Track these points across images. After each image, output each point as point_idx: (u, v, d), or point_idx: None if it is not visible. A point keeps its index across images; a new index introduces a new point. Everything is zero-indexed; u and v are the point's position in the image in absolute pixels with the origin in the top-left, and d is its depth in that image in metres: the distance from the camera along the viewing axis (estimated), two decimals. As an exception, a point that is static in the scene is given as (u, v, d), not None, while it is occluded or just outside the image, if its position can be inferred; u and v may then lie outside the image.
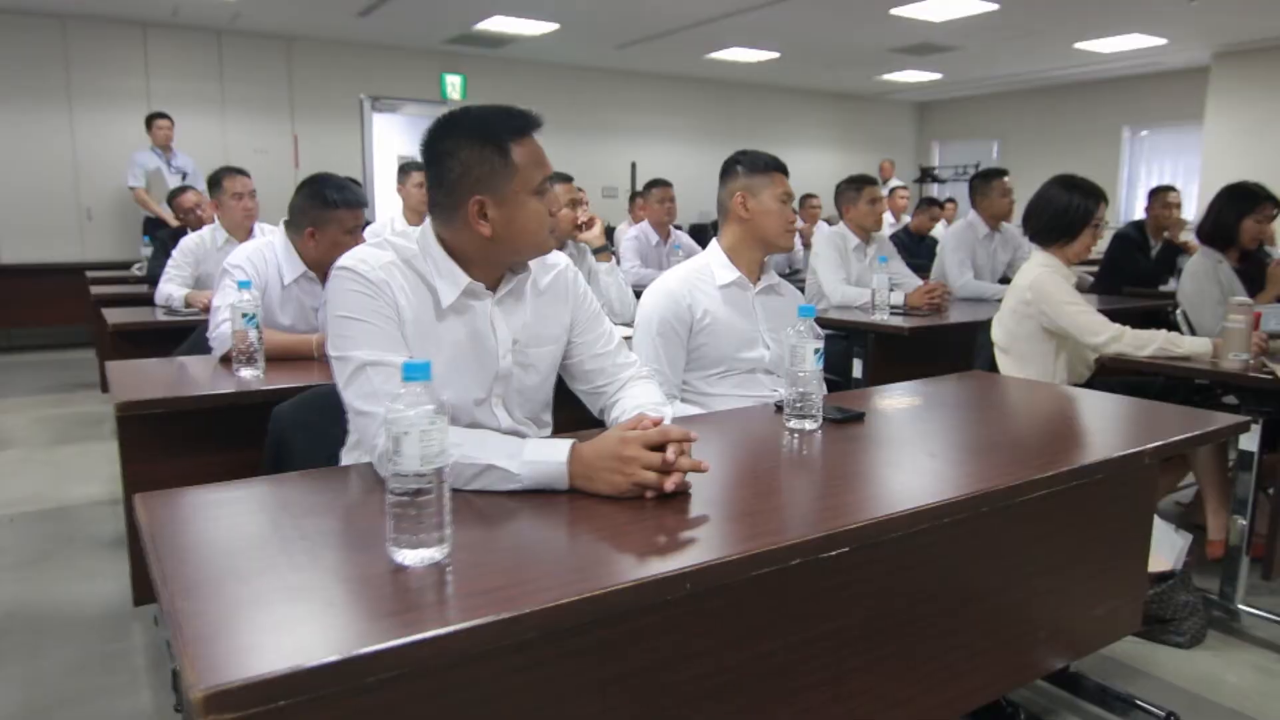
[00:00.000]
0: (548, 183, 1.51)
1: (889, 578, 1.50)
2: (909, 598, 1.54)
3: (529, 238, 1.50)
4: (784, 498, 1.38)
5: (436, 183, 1.49)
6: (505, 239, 1.48)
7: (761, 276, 2.35)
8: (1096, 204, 2.85)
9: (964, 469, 1.55)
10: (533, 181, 1.47)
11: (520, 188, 1.46)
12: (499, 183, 1.45)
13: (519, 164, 1.46)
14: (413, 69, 9.30)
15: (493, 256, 1.52)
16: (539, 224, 1.50)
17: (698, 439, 1.34)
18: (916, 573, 1.55)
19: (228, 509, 1.28)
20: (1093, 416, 1.98)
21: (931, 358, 3.53)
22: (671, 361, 2.22)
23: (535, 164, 1.48)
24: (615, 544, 1.16)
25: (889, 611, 1.52)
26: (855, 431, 1.75)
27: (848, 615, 1.46)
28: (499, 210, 1.46)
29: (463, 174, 1.45)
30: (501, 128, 1.46)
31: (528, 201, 1.47)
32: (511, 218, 1.47)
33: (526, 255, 1.55)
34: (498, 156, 1.45)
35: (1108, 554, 1.92)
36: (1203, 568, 2.73)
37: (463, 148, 1.45)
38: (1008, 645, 1.78)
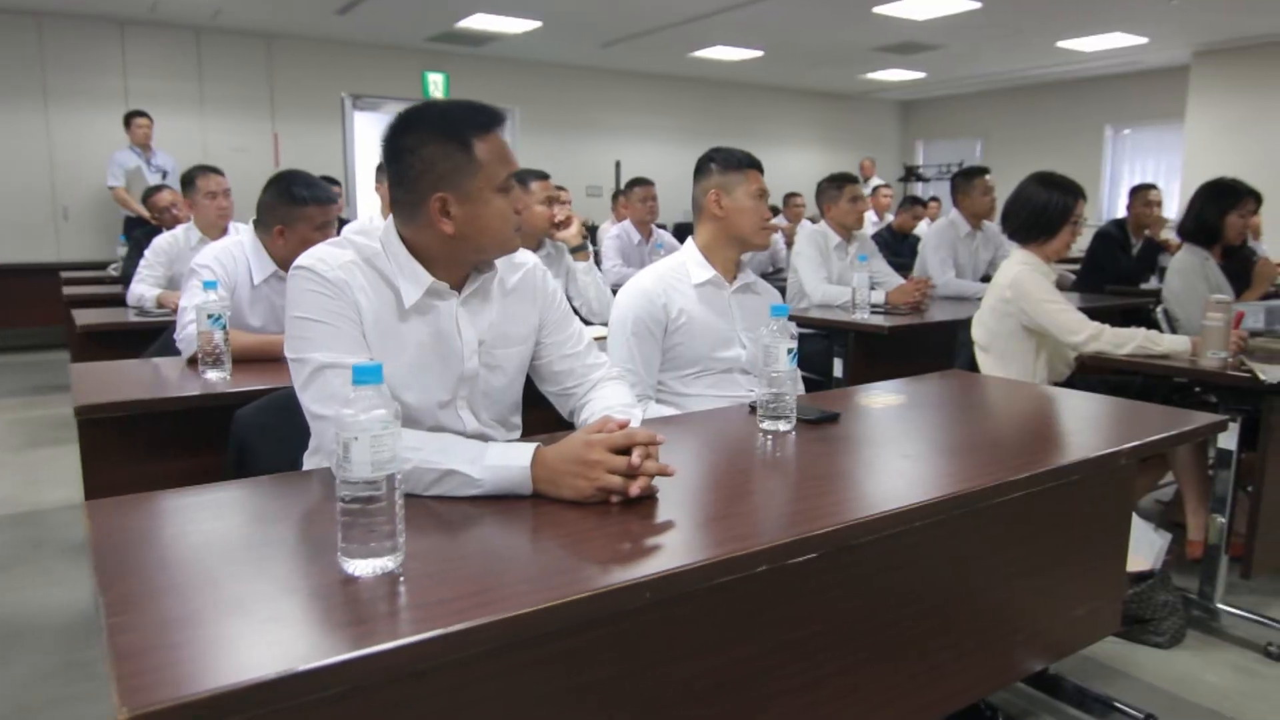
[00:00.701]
0: (514, 180, 1.48)
1: (864, 581, 1.47)
2: (886, 601, 1.52)
3: (494, 236, 1.46)
4: (754, 501, 1.35)
5: (397, 180, 1.45)
6: (469, 237, 1.44)
7: (738, 275, 2.32)
8: (1075, 201, 2.83)
9: (939, 470, 1.53)
10: (497, 178, 1.44)
11: (484, 184, 1.42)
12: (462, 180, 1.41)
13: (483, 160, 1.42)
14: (394, 67, 9.23)
15: (457, 255, 1.48)
16: (504, 222, 1.46)
17: (664, 441, 1.30)
18: (893, 575, 1.52)
19: (178, 517, 1.24)
20: (1070, 416, 1.96)
21: (912, 356, 3.51)
22: (646, 361, 2.19)
23: (500, 160, 1.44)
24: (577, 551, 1.13)
25: (866, 615, 1.49)
26: (830, 432, 1.73)
27: (823, 620, 1.43)
28: (462, 208, 1.42)
29: (424, 170, 1.41)
30: (465, 123, 1.42)
31: (492, 199, 1.44)
32: (475, 215, 1.43)
33: (492, 254, 1.52)
34: (460, 153, 1.41)
35: (1086, 555, 1.90)
36: (1183, 567, 2.72)
37: (424, 144, 1.42)
38: (986, 648, 1.76)
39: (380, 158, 1.50)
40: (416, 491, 1.27)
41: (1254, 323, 2.82)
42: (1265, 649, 2.38)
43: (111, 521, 1.19)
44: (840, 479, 1.48)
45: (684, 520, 1.24)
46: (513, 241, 1.50)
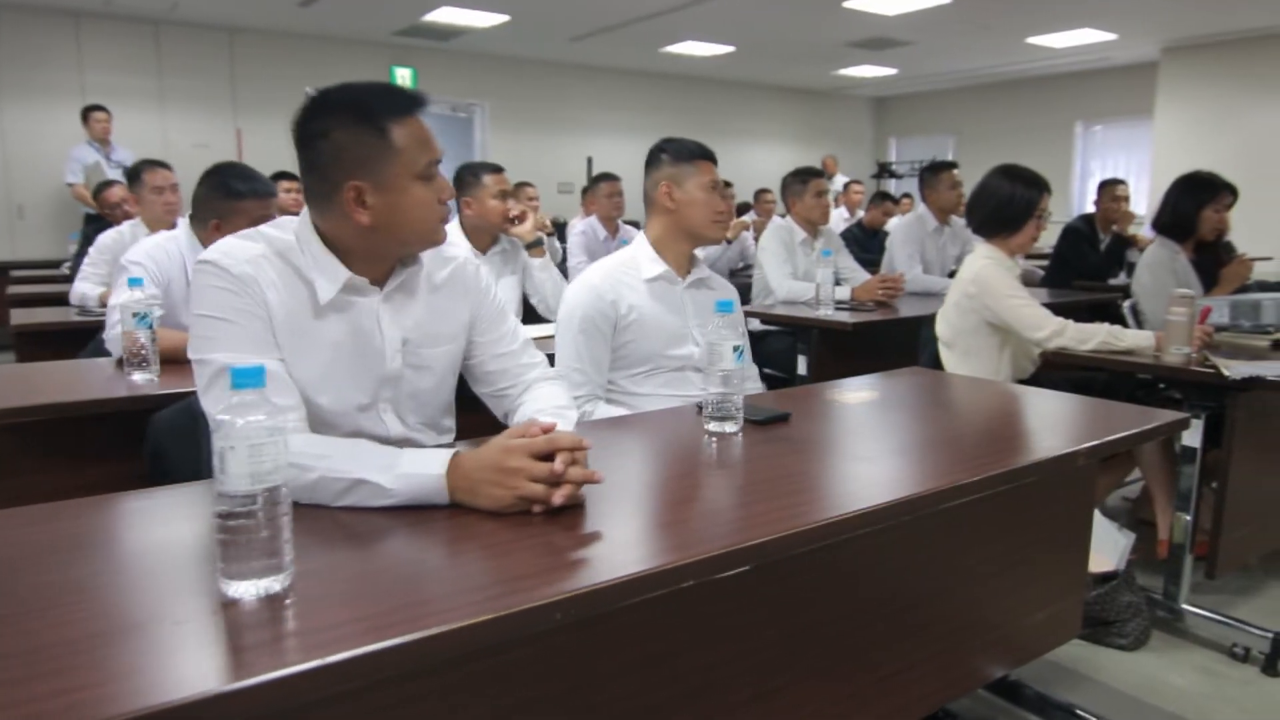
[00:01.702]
0: (436, 167, 1.38)
1: (812, 590, 1.40)
2: (836, 609, 1.45)
3: (415, 227, 1.37)
4: (691, 509, 1.27)
5: (308, 168, 1.36)
6: (388, 228, 1.35)
7: (691, 270, 2.24)
8: (1040, 194, 2.78)
9: (890, 473, 1.46)
10: (416, 165, 1.34)
11: (402, 172, 1.33)
12: (378, 167, 1.32)
13: (400, 146, 1.33)
14: (361, 62, 9.06)
15: (376, 248, 1.39)
16: (425, 212, 1.37)
17: (591, 446, 1.22)
18: (842, 583, 1.45)
19: (65, 531, 1.13)
20: (1028, 415, 1.89)
21: (878, 353, 3.45)
22: (594, 360, 2.10)
23: (420, 146, 1.35)
24: (490, 567, 1.05)
25: (814, 625, 1.42)
26: (779, 434, 1.65)
27: (769, 631, 1.35)
28: (380, 197, 1.33)
29: (336, 157, 1.32)
30: (380, 107, 1.33)
31: (411, 187, 1.34)
32: (394, 205, 1.34)
33: (414, 246, 1.43)
34: (376, 138, 1.32)
35: (1046, 557, 1.84)
36: (1151, 565, 2.68)
37: (336, 128, 1.32)
38: (944, 656, 1.69)
39: None
40: (324, 502, 1.18)
41: (1219, 318, 2.77)
42: (1230, 650, 2.34)
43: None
44: (785, 483, 1.40)
45: (612, 531, 1.16)
46: (437, 233, 1.41)
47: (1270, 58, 8.30)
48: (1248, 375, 2.17)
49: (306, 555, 1.03)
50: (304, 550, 1.04)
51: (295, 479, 1.17)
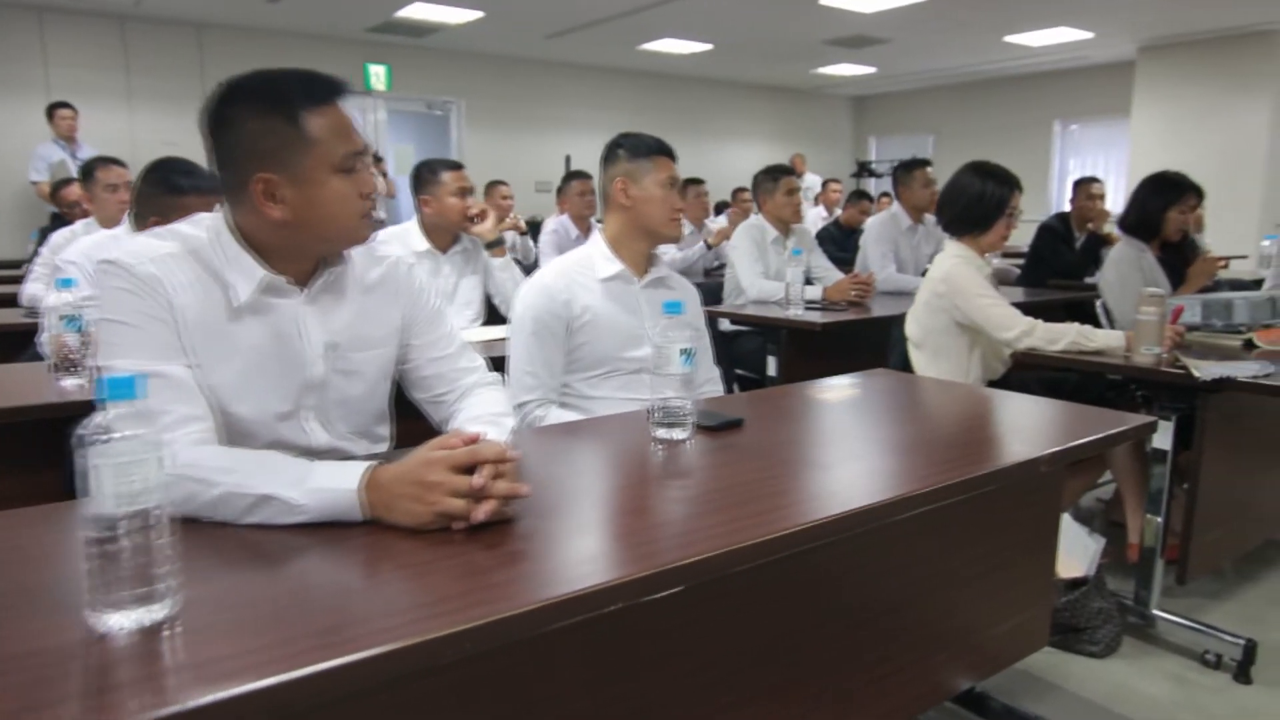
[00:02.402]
0: (358, 158, 1.30)
1: (762, 606, 1.33)
2: (787, 626, 1.38)
3: (334, 223, 1.29)
4: (628, 524, 1.19)
5: (219, 161, 1.27)
6: (305, 224, 1.27)
7: (649, 269, 2.16)
8: (1011, 192, 2.72)
9: (843, 482, 1.39)
10: (333, 156, 1.26)
11: (318, 164, 1.25)
12: (290, 158, 1.24)
13: (315, 136, 1.25)
14: (334, 59, 8.91)
15: (294, 245, 1.31)
16: (345, 206, 1.29)
17: (519, 457, 1.14)
18: (794, 598, 1.38)
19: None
20: (992, 419, 1.83)
21: (848, 353, 3.39)
22: (547, 363, 2.03)
23: (338, 136, 1.27)
24: (403, 592, 0.97)
25: (767, 642, 1.35)
26: (731, 440, 1.58)
27: (714, 649, 1.28)
28: (294, 190, 1.25)
29: (245, 148, 1.24)
30: (293, 93, 1.25)
31: (328, 180, 1.26)
32: (310, 199, 1.26)
33: (335, 244, 1.34)
34: (288, 127, 1.24)
35: (1011, 566, 1.78)
36: (1123, 569, 2.63)
37: (245, 117, 1.24)
38: (907, 670, 1.63)
39: None
40: (229, 520, 1.09)
41: (1191, 317, 2.73)
42: (1202, 657, 2.29)
43: None
44: (732, 494, 1.33)
45: (538, 549, 1.08)
46: (359, 230, 1.33)
47: (1246, 56, 8.32)
48: (1218, 376, 2.12)
49: (201, 579, 0.95)
50: (199, 573, 0.97)
51: (196, 495, 1.09)
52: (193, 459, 1.10)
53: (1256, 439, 2.54)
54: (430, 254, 3.05)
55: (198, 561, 1.00)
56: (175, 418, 1.17)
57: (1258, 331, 2.68)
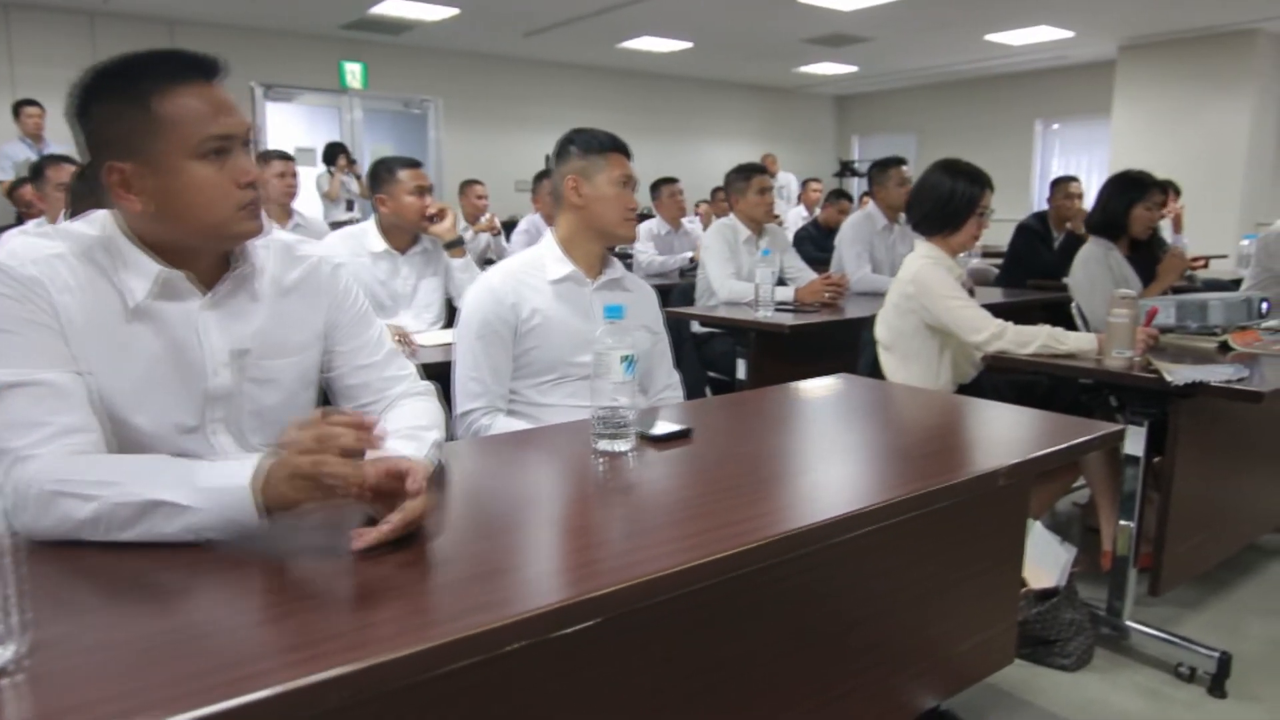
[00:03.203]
0: (229, 142, 1.17)
1: (694, 636, 1.25)
2: (727, 653, 1.30)
3: (199, 215, 1.17)
4: (547, 549, 1.10)
5: (88, 151, 1.18)
6: (169, 217, 1.17)
7: (604, 270, 2.08)
8: (981, 191, 2.65)
9: (790, 498, 1.30)
10: (190, 141, 1.14)
11: (173, 150, 1.14)
12: (141, 144, 1.13)
13: (169, 120, 1.13)
14: (309, 56, 8.82)
15: (176, 241, 1.20)
16: (209, 197, 1.16)
17: (377, 424, 1.03)
18: (733, 624, 1.30)
19: None
20: (954, 428, 1.75)
21: (819, 356, 3.31)
22: (494, 369, 1.94)
23: (196, 119, 1.14)
24: (274, 630, 0.87)
25: (702, 673, 1.27)
26: (677, 452, 1.49)
27: (637, 685, 1.20)
28: (153, 180, 1.14)
29: (97, 135, 1.15)
30: (143, 74, 1.14)
31: (188, 168, 1.15)
32: (166, 189, 1.15)
33: (211, 239, 1.22)
34: (135, 110, 1.13)
35: (974, 581, 1.70)
36: (1098, 577, 2.56)
37: (96, 102, 1.15)
38: (866, 690, 1.55)
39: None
40: (112, 537, 1.00)
41: (1165, 318, 2.66)
42: (1175, 669, 2.22)
43: None
44: (671, 512, 1.24)
45: (445, 578, 0.99)
46: (234, 223, 1.20)
47: (1226, 55, 8.31)
48: (1190, 381, 2.05)
49: (58, 616, 0.86)
50: (57, 609, 0.88)
51: (72, 513, 0.99)
52: (65, 473, 1.01)
53: (1232, 444, 2.47)
54: (388, 255, 2.96)
55: (56, 595, 0.91)
56: (55, 429, 1.07)
57: (1233, 333, 2.62)
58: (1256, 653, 2.33)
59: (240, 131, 1.19)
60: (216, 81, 1.18)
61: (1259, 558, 2.96)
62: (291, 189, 4.17)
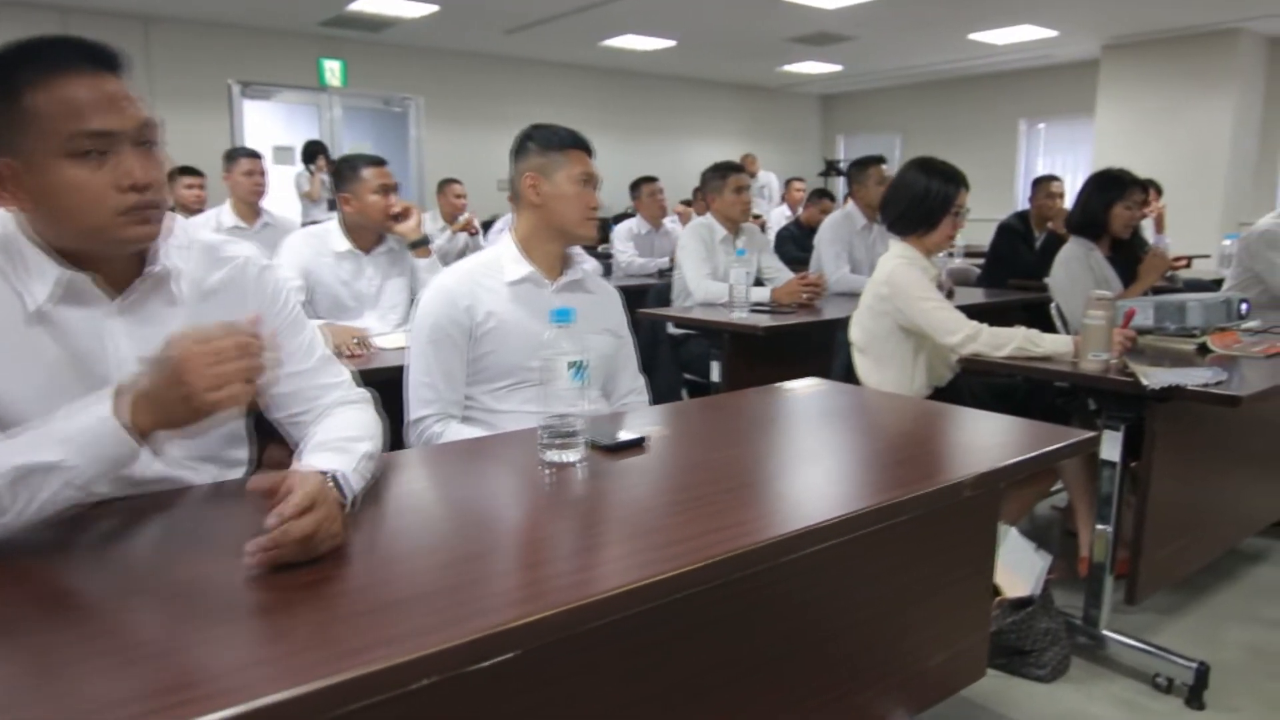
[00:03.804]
0: (105, 139, 1.07)
1: (641, 657, 1.18)
2: (678, 676, 1.23)
3: (76, 219, 1.09)
4: (475, 570, 1.03)
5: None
6: (48, 219, 1.10)
7: (565, 271, 2.01)
8: (957, 189, 2.59)
9: (742, 512, 1.23)
10: (57, 138, 1.05)
11: (40, 146, 1.05)
12: (12, 140, 1.06)
13: (37, 113, 1.05)
14: (288, 53, 8.71)
15: (69, 243, 1.13)
16: (84, 200, 1.07)
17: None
18: (685, 645, 1.23)
19: None
20: (921, 436, 1.69)
21: (794, 358, 3.26)
22: (447, 374, 1.86)
23: (68, 115, 1.05)
24: (156, 666, 0.80)
25: (650, 699, 1.20)
26: (629, 464, 1.43)
27: (595, 704, 1.13)
28: (28, 179, 1.07)
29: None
30: (21, 64, 1.06)
31: (55, 167, 1.06)
32: (41, 190, 1.07)
33: (96, 245, 1.13)
34: (8, 104, 1.05)
35: (943, 594, 1.64)
36: (1076, 583, 2.51)
37: None
38: (831, 708, 1.48)
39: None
40: (6, 522, 0.96)
41: (1143, 319, 2.61)
42: (1153, 680, 2.16)
43: None
44: (614, 529, 1.18)
45: (346, 608, 0.92)
46: (117, 230, 1.10)
47: (1209, 55, 8.30)
48: (1167, 385, 1.99)
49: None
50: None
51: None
52: None
53: (1211, 447, 2.42)
54: (352, 254, 2.88)
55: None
56: None
57: (1212, 335, 2.58)
58: (1235, 662, 2.28)
59: (128, 128, 1.09)
60: (116, 74, 1.10)
61: (1240, 562, 2.91)
62: (259, 187, 4.09)
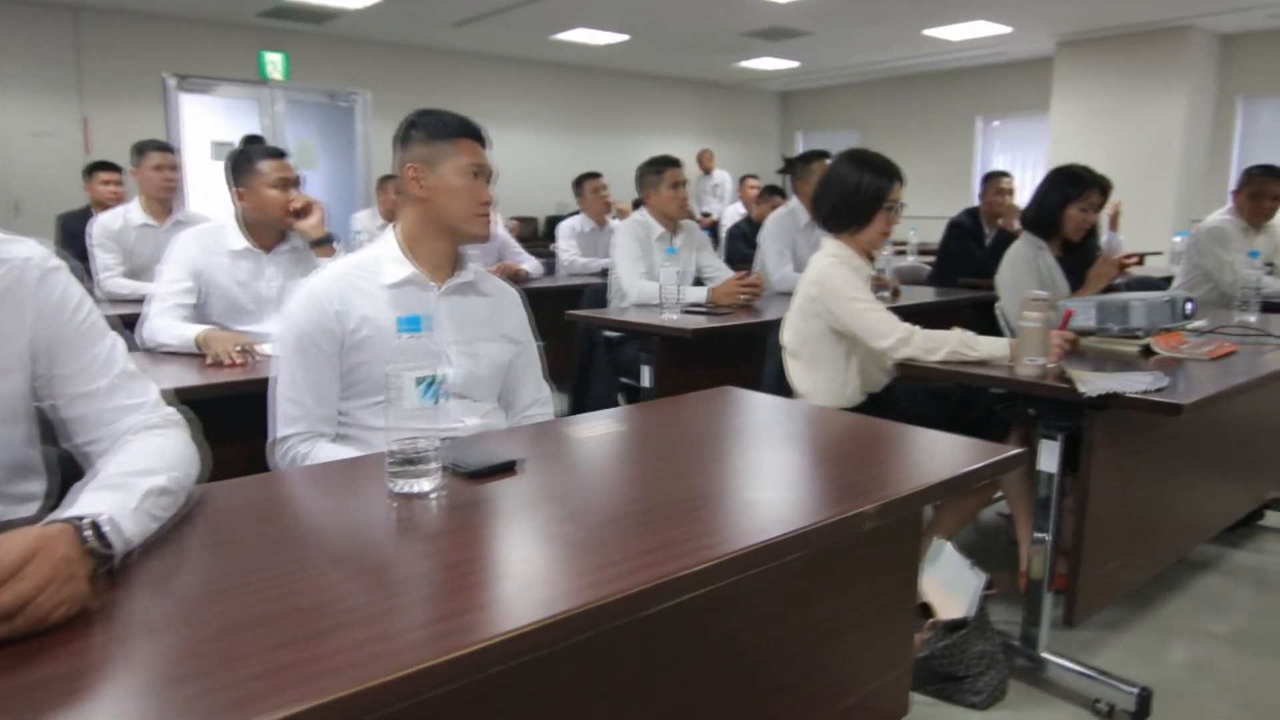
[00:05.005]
0: None
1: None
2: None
3: None
4: (258, 640, 0.85)
5: None
6: None
7: (457, 271, 1.83)
8: (890, 183, 2.45)
9: (610, 554, 1.06)
10: None
11: None
12: None
13: None
14: (226, 45, 8.40)
15: None
16: None
17: None
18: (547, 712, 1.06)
19: None
20: (828, 456, 1.53)
21: (730, 361, 3.11)
22: (315, 387, 1.67)
23: None
24: None
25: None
26: (494, 491, 1.25)
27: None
28: None
29: None
30: None
31: None
32: None
33: None
34: None
35: (855, 632, 1.48)
36: (1019, 598, 2.37)
37: None
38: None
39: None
40: None
41: (1085, 320, 2.49)
42: (1093, 705, 2.03)
43: None
44: (458, 576, 1.00)
45: (112, 677, 0.74)
46: None
47: (1161, 52, 8.29)
48: (1104, 392, 1.86)
49: None
50: None
51: None
52: None
53: (1156, 455, 2.29)
54: (251, 253, 2.67)
55: None
56: None
57: (1156, 336, 2.46)
58: (1179, 682, 2.16)
59: None
60: None
61: (1186, 572, 2.81)
62: (170, 182, 3.84)
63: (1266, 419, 2.80)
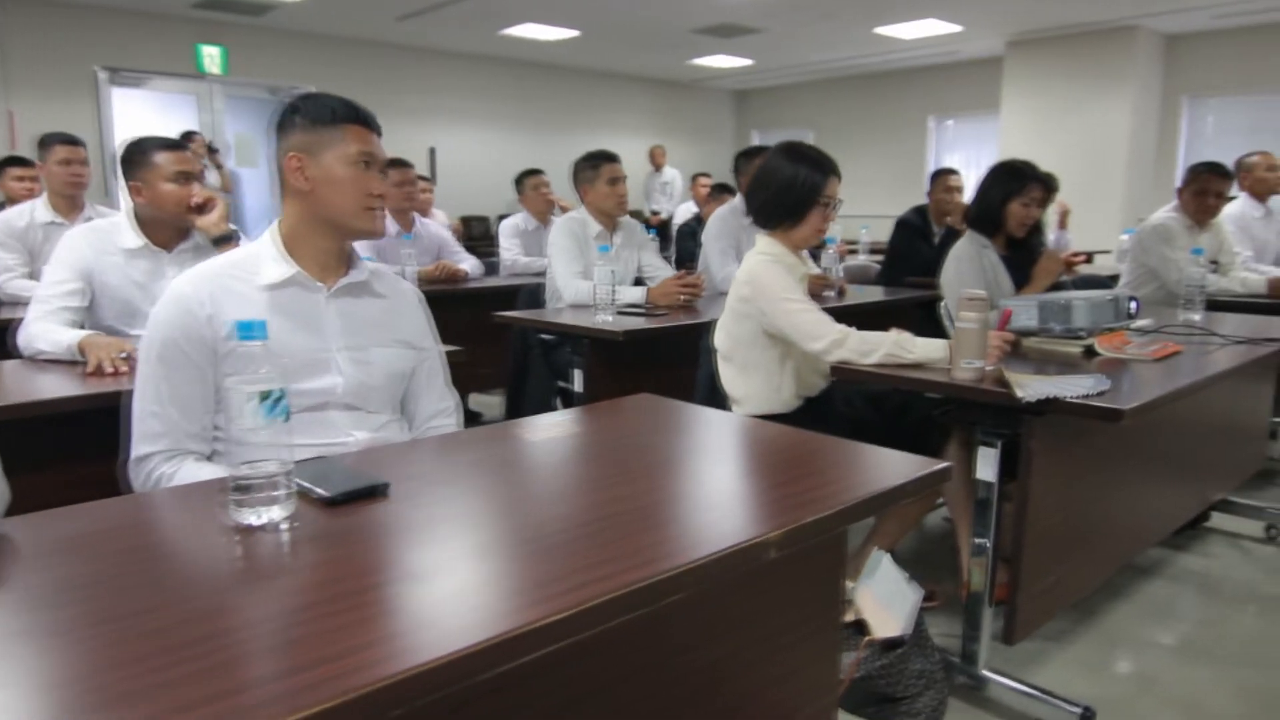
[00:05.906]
0: None
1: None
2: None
3: None
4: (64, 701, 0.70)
5: None
6: None
7: (349, 271, 1.67)
8: (825, 178, 2.34)
9: (484, 594, 0.92)
10: None
11: None
12: None
13: None
14: (160, 38, 8.09)
15: None
16: None
17: None
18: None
19: None
20: (733, 474, 1.41)
21: (662, 365, 2.99)
22: (180, 400, 1.51)
23: None
24: None
25: None
26: (359, 519, 1.10)
27: None
28: None
29: None
30: None
31: None
32: None
33: None
34: None
35: (769, 664, 1.36)
36: (959, 608, 2.28)
37: None
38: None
39: None
40: None
41: (1026, 320, 2.40)
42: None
43: None
44: (304, 623, 0.85)
45: None
46: None
47: (1109, 51, 8.34)
48: (1043, 397, 1.76)
49: None
50: None
51: None
52: None
53: (1098, 462, 2.21)
54: (148, 252, 2.47)
55: None
56: None
57: (1099, 337, 2.37)
58: (1123, 697, 2.08)
59: None
60: None
61: (1131, 578, 2.74)
62: (77, 178, 3.62)
63: (1212, 420, 2.74)
